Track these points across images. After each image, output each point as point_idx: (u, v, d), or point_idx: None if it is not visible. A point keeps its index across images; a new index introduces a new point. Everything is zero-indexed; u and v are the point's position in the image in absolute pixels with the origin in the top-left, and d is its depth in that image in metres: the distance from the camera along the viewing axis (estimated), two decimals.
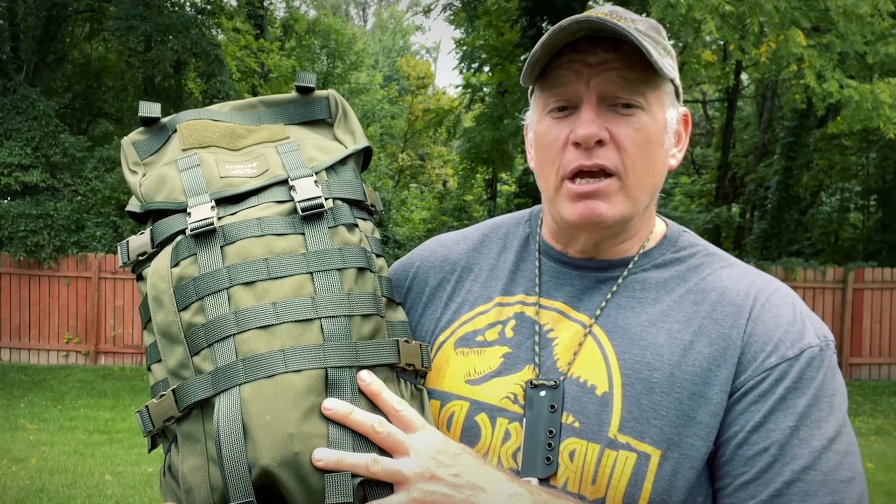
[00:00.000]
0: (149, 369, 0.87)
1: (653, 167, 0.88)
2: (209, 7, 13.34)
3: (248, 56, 14.50)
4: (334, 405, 0.76)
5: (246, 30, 14.68)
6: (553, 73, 0.87)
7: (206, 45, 11.57)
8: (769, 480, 0.78)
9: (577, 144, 0.86)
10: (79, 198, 10.85)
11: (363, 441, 0.77)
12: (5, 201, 10.56)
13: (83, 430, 6.92)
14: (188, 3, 13.23)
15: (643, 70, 0.85)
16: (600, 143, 0.85)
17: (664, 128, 0.89)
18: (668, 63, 0.87)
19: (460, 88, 15.98)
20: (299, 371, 0.78)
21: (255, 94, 14.69)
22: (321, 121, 0.99)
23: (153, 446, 0.88)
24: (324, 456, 0.74)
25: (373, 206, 0.94)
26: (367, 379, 0.78)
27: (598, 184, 0.86)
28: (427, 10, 14.65)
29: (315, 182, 0.88)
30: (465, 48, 13.66)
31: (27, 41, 12.01)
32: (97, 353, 10.16)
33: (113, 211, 10.85)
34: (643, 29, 0.88)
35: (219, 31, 13.73)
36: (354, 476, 0.75)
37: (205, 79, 11.97)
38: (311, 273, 0.83)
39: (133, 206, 0.92)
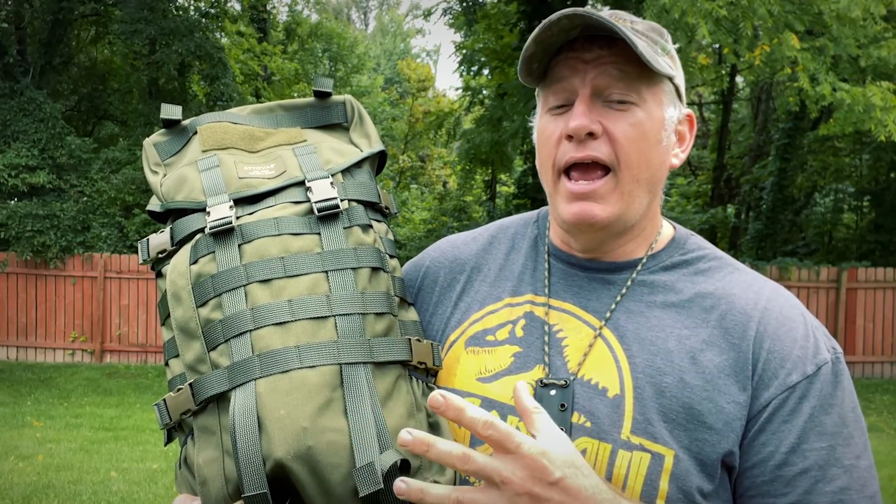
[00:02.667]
0: (167, 364, 0.88)
1: (647, 162, 0.88)
2: (213, 11, 13.39)
3: (252, 59, 14.59)
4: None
5: (249, 33, 14.76)
6: (552, 72, 0.89)
7: (209, 49, 11.61)
8: (814, 501, 0.81)
9: (570, 137, 0.87)
10: (85, 199, 10.90)
11: (386, 435, 0.78)
12: (12, 202, 10.59)
13: (89, 427, 7.00)
14: (192, 7, 13.29)
15: (638, 66, 0.85)
16: (593, 135, 0.86)
17: (661, 125, 0.88)
18: (665, 61, 0.87)
19: (460, 91, 16.12)
20: (314, 367, 0.79)
21: (258, 97, 14.80)
22: (338, 125, 1.01)
23: (169, 440, 0.90)
24: (409, 438, 0.70)
25: (387, 207, 0.95)
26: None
27: (593, 185, 0.86)
28: (427, 14, 14.75)
29: (331, 184, 0.89)
30: (464, 51, 13.75)
31: (33, 44, 12.06)
32: (103, 351, 10.20)
33: (118, 212, 10.90)
34: (641, 29, 0.88)
35: (222, 34, 13.76)
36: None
37: (208, 81, 11.99)
38: (327, 272, 0.84)
39: (153, 205, 0.94)
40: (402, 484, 0.71)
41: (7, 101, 10.92)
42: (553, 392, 0.86)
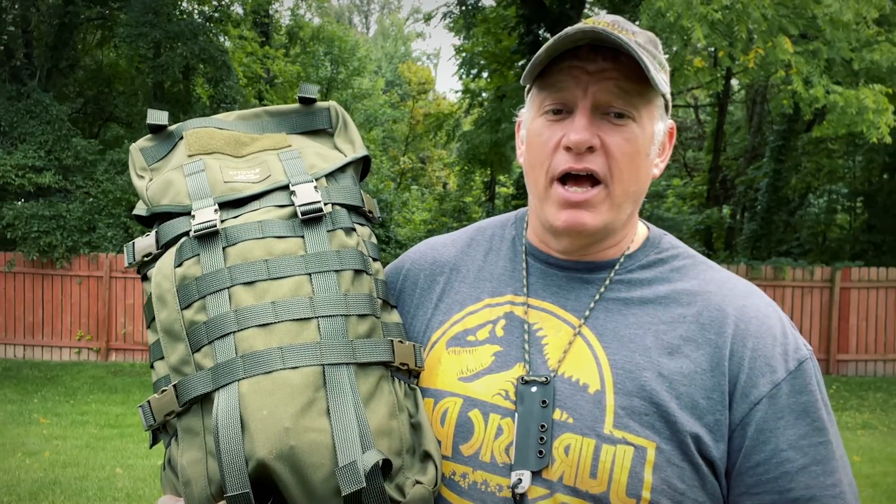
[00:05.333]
0: (152, 366, 0.89)
1: (637, 176, 0.90)
2: (216, 15, 13.45)
3: (255, 62, 14.62)
4: None
5: (252, 37, 14.82)
6: (552, 77, 0.89)
7: (213, 52, 11.70)
8: (817, 495, 0.84)
9: (568, 149, 0.88)
10: (90, 199, 10.93)
11: (368, 435, 0.79)
12: (19, 203, 10.64)
13: (95, 424, 7.07)
14: (196, 11, 13.33)
15: (638, 82, 0.87)
16: (591, 149, 0.87)
17: (651, 139, 0.91)
18: (661, 78, 0.89)
19: (460, 93, 16.24)
20: (296, 368, 0.80)
21: (261, 99, 14.90)
22: (322, 130, 1.02)
23: (155, 441, 0.90)
24: None
25: (370, 211, 0.96)
26: None
27: (587, 194, 0.88)
28: (427, 18, 14.82)
29: (315, 188, 0.90)
30: (464, 55, 13.90)
31: (40, 48, 12.09)
32: (108, 349, 10.28)
33: (123, 212, 10.91)
34: (642, 42, 0.89)
35: (226, 38, 13.82)
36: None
37: (212, 84, 12.10)
38: (310, 274, 0.85)
39: (140, 209, 0.95)
40: None
41: (14, 104, 10.98)
42: (534, 389, 0.87)
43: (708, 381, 0.86)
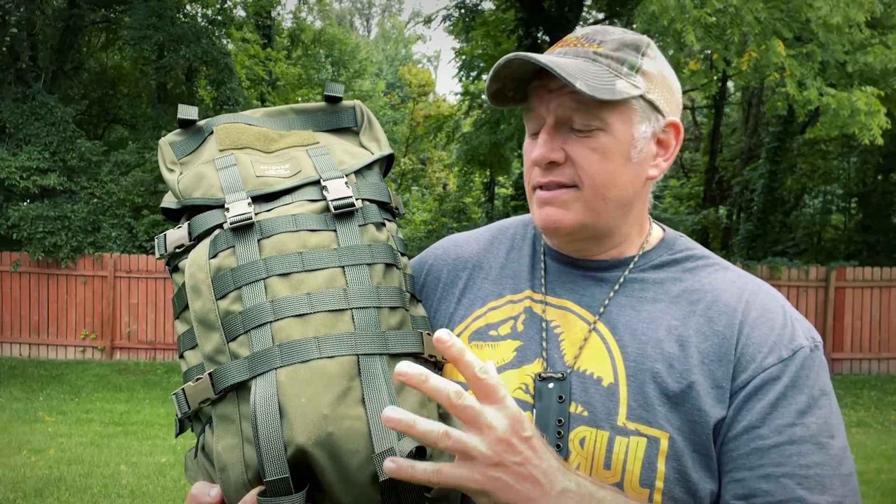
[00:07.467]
0: (181, 356, 0.90)
1: (614, 182, 0.90)
2: (219, 18, 13.54)
3: (257, 65, 14.68)
4: (409, 370, 0.70)
5: (254, 40, 14.90)
6: (530, 101, 0.93)
7: (216, 54, 11.74)
8: (788, 473, 0.83)
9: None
10: (95, 200, 11.01)
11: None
12: (25, 203, 10.70)
13: (99, 422, 7.15)
14: (199, 14, 13.44)
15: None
16: (556, 163, 0.90)
17: (630, 143, 0.90)
18: (630, 82, 0.88)
19: (459, 95, 16.35)
20: (332, 357, 0.81)
21: (263, 101, 14.99)
22: (347, 129, 1.04)
23: (181, 430, 0.92)
24: (394, 415, 0.70)
25: (396, 208, 0.98)
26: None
27: (554, 192, 0.91)
28: (428, 21, 14.93)
29: (346, 183, 0.92)
30: (464, 57, 14.01)
31: (45, 50, 12.14)
32: (113, 348, 10.35)
33: (128, 213, 11.02)
34: (607, 50, 0.89)
35: (228, 40, 13.91)
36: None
37: (215, 86, 12.15)
38: (343, 267, 0.87)
39: (168, 202, 0.95)
40: (391, 464, 0.72)
41: (20, 106, 11.05)
42: (551, 385, 0.89)
43: (717, 372, 0.87)
